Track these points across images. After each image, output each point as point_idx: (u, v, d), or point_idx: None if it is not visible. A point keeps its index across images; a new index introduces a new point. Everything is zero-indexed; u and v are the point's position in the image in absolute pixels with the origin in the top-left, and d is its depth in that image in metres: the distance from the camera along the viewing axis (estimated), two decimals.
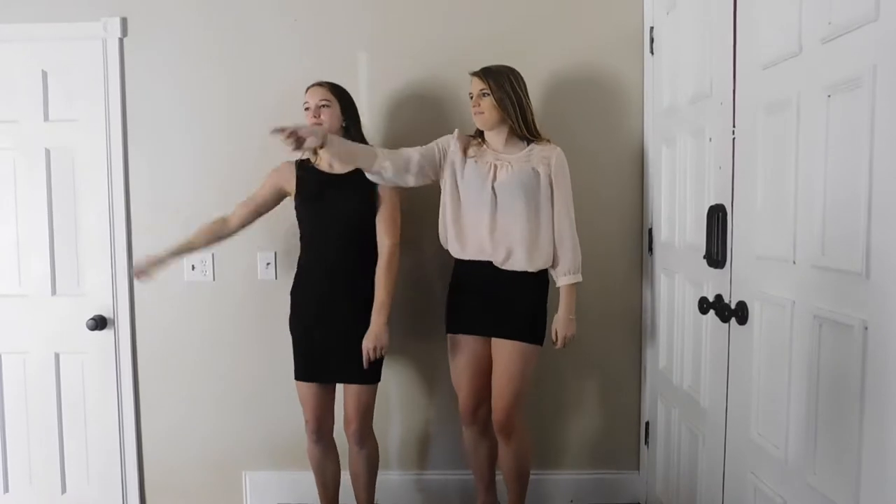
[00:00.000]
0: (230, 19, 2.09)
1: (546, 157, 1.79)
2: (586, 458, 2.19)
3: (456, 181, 1.81)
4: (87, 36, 2.08)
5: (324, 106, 1.78)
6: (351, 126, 1.85)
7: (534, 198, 1.77)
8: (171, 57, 2.10)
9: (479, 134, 1.86)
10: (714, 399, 1.57)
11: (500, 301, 1.78)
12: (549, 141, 1.83)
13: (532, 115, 1.80)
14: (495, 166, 1.77)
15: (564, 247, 1.80)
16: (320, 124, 1.76)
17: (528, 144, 1.81)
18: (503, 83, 1.76)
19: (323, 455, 1.90)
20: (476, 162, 1.79)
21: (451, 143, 1.82)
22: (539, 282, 1.82)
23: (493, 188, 1.76)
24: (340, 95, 1.82)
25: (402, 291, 2.09)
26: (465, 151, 1.81)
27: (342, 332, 1.78)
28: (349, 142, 1.73)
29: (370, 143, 1.90)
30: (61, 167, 2.11)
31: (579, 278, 1.81)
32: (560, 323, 1.82)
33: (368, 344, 1.75)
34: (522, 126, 1.77)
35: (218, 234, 1.88)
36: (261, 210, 1.89)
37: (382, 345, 1.76)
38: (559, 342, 1.83)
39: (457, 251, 1.82)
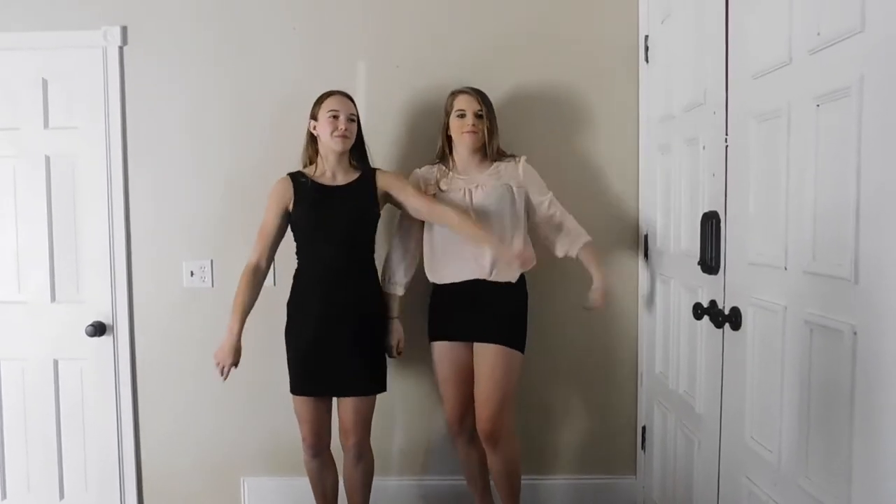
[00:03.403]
0: (230, 28, 2.12)
1: (516, 170, 1.86)
2: (583, 462, 2.20)
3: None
4: (87, 44, 2.09)
5: (352, 120, 1.80)
6: (361, 143, 1.87)
7: (510, 210, 1.82)
8: (171, 65, 2.12)
9: (441, 159, 1.90)
10: (709, 404, 1.58)
11: (482, 308, 1.80)
12: (512, 155, 1.89)
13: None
14: (470, 190, 1.82)
15: (567, 218, 1.89)
16: (348, 137, 1.78)
17: (492, 163, 1.86)
18: (491, 106, 1.85)
19: (322, 468, 1.89)
20: (449, 194, 1.83)
21: (426, 182, 1.88)
22: (518, 289, 1.86)
23: (472, 210, 1.80)
24: (358, 112, 1.85)
25: (402, 299, 2.10)
26: (437, 185, 1.85)
27: (342, 343, 1.76)
28: None
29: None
30: (61, 174, 2.13)
31: (588, 237, 1.90)
32: (597, 291, 1.87)
33: None
34: (495, 149, 1.85)
35: (259, 283, 1.83)
36: (277, 239, 1.84)
37: None
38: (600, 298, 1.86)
39: (444, 278, 1.85)
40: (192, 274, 2.15)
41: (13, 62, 2.10)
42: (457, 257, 1.82)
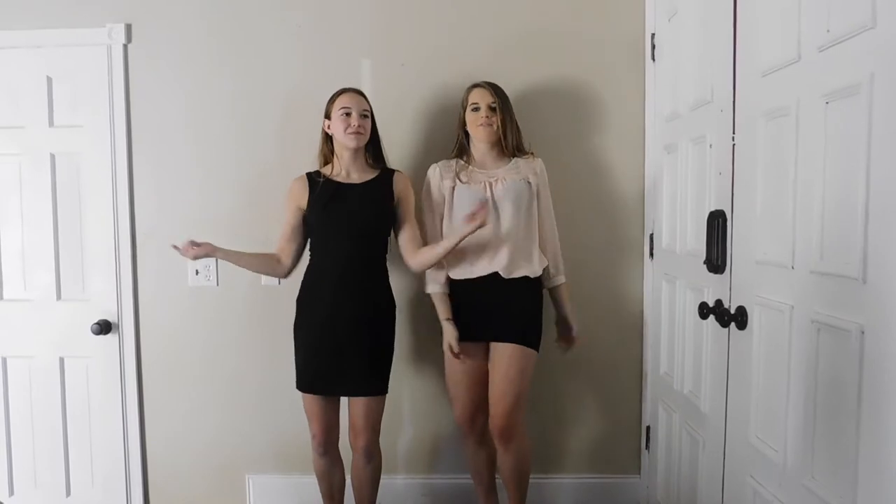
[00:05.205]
0: (234, 25, 2.11)
1: (533, 167, 1.87)
2: (588, 462, 2.19)
3: (451, 209, 1.83)
4: (91, 42, 2.09)
5: (365, 116, 1.80)
6: (376, 140, 1.87)
7: (529, 206, 1.83)
8: (176, 63, 2.12)
9: (459, 154, 1.89)
10: (714, 403, 1.57)
11: (499, 308, 1.80)
12: (532, 154, 1.89)
13: (519, 132, 1.89)
14: (490, 183, 1.82)
15: (555, 249, 1.91)
16: (361, 133, 1.78)
17: (510, 159, 1.86)
18: (507, 101, 1.85)
19: (330, 466, 1.89)
20: (469, 186, 1.82)
21: (441, 180, 1.85)
22: (535, 289, 1.86)
23: (493, 203, 1.80)
24: (371, 108, 1.84)
25: (413, 298, 2.10)
26: (457, 177, 1.84)
27: (351, 342, 1.76)
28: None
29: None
30: (66, 173, 2.13)
31: (564, 279, 1.94)
32: (571, 316, 1.92)
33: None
34: (514, 144, 1.85)
35: (269, 267, 1.86)
36: (297, 237, 1.85)
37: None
38: (575, 338, 1.93)
39: (462, 274, 1.83)
40: (196, 272, 2.16)
41: (18, 60, 2.11)
42: (474, 253, 1.81)
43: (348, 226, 1.77)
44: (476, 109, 1.82)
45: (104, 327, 2.13)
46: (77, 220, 2.14)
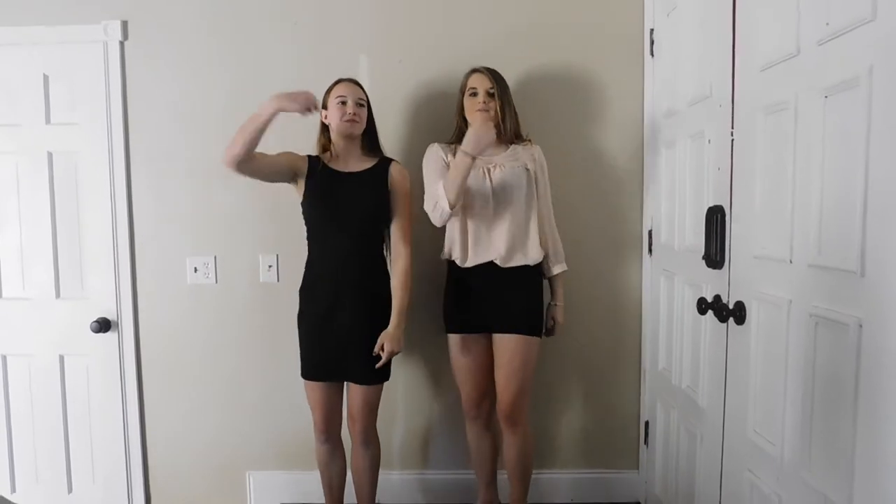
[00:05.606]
0: (231, 21, 2.10)
1: (531, 154, 1.86)
2: (586, 457, 2.20)
3: None
4: (88, 39, 2.09)
5: (361, 105, 1.80)
6: (372, 130, 1.86)
7: (528, 193, 1.82)
8: (172, 60, 2.11)
9: (458, 140, 1.87)
10: (712, 399, 1.58)
11: (500, 297, 1.80)
12: (529, 141, 1.89)
13: (518, 119, 1.88)
14: (488, 169, 1.80)
15: (553, 237, 1.91)
16: (357, 121, 1.78)
17: (508, 146, 1.86)
18: (505, 87, 1.84)
19: (330, 454, 1.91)
20: None
21: (443, 153, 1.84)
22: (534, 276, 1.86)
23: (491, 190, 1.78)
24: (368, 98, 1.84)
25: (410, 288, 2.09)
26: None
27: (351, 330, 1.77)
28: None
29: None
30: (64, 170, 2.13)
31: (566, 267, 1.93)
32: (559, 311, 1.93)
33: (387, 346, 1.75)
34: (512, 130, 1.84)
35: (251, 144, 1.65)
36: (267, 169, 1.74)
37: (399, 349, 1.78)
38: (555, 330, 1.94)
39: (464, 259, 1.82)
40: (195, 270, 2.15)
41: (14, 58, 2.10)
42: (473, 240, 1.81)
43: (345, 214, 1.78)
44: (474, 94, 1.81)
45: (103, 325, 2.13)
46: (75, 218, 2.14)
